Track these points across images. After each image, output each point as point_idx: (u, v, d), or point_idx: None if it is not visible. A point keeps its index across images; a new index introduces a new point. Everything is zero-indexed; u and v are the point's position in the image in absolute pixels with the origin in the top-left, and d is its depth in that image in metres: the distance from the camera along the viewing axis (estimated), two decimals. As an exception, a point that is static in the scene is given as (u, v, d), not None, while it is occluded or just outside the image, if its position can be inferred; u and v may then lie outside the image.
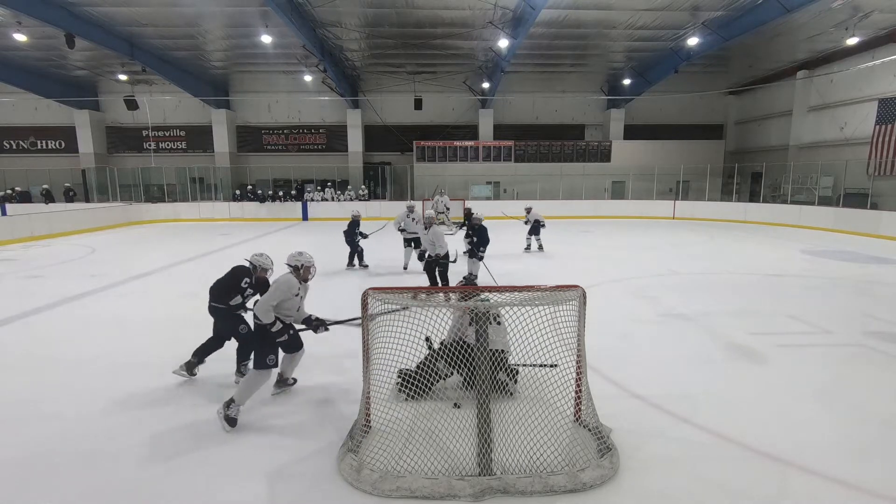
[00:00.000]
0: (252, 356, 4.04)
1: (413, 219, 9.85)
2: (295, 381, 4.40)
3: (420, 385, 3.74)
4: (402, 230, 9.95)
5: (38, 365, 4.99)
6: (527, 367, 3.67)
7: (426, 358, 3.80)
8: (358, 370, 3.57)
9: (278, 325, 3.82)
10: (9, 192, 20.65)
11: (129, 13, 15.15)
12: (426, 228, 7.80)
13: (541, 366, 3.50)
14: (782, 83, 20.82)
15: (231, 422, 3.66)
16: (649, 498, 2.90)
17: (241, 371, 4.55)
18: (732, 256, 11.48)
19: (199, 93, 22.44)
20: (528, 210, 12.10)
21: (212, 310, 4.48)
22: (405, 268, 9.89)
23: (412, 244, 9.71)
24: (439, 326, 3.35)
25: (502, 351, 3.80)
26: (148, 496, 2.93)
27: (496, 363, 3.60)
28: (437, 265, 7.62)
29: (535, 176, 22.69)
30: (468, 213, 9.47)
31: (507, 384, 4.00)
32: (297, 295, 3.98)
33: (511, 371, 4.01)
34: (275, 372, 4.06)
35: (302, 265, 4.03)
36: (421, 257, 7.87)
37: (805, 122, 20.13)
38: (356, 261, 10.18)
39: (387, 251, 11.64)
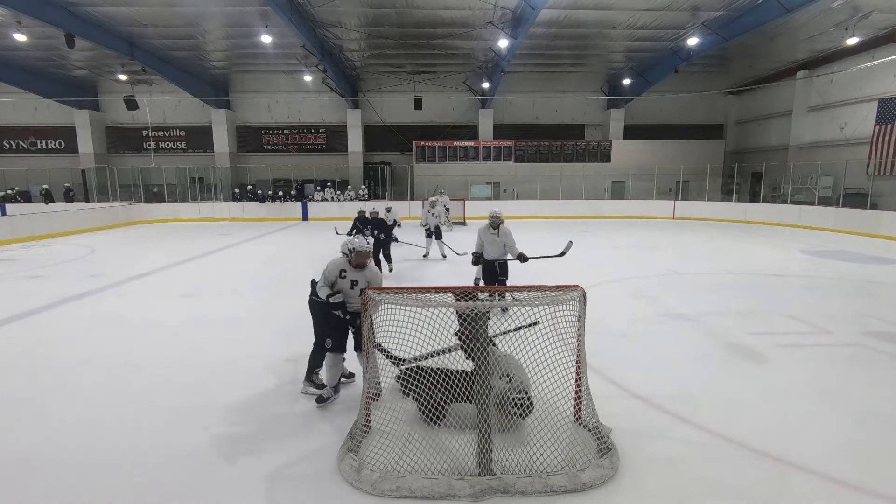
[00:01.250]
0: (319, 365, 4.28)
1: (434, 214, 10.76)
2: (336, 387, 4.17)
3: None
4: (424, 225, 11.03)
5: (38, 365, 4.99)
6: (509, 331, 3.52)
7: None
8: (357, 370, 3.56)
9: (338, 298, 3.96)
10: (9, 192, 20.66)
11: (129, 13, 15.15)
12: (494, 228, 6.23)
13: (524, 327, 3.38)
14: (782, 83, 20.83)
15: (319, 399, 4.02)
16: (649, 498, 2.90)
17: (311, 380, 4.29)
18: (732, 256, 11.48)
19: (199, 93, 22.44)
20: (388, 210, 11.94)
21: (313, 304, 4.26)
22: (425, 255, 10.92)
23: (432, 235, 10.84)
24: (441, 326, 3.34)
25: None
26: (147, 497, 2.93)
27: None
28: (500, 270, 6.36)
29: (535, 176, 22.69)
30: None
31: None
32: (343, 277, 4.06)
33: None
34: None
35: (352, 250, 4.06)
36: (476, 262, 6.47)
37: (805, 122, 20.13)
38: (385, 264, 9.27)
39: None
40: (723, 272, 9.55)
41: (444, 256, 10.89)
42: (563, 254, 6.17)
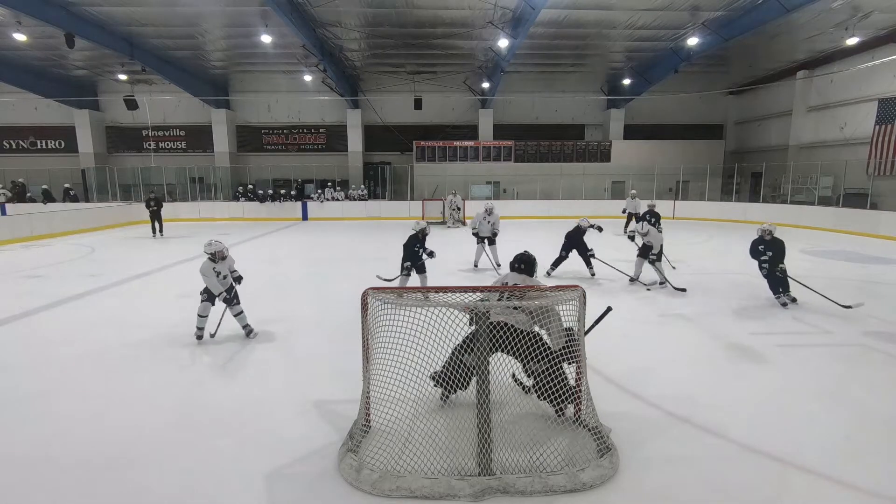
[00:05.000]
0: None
1: (489, 221, 9.94)
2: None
3: (455, 380, 3.60)
4: (475, 231, 10.02)
5: (38, 365, 4.99)
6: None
7: (452, 354, 3.64)
8: (358, 370, 3.56)
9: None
10: (8, 193, 20.64)
11: (129, 13, 15.14)
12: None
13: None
14: (782, 83, 20.83)
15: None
16: (649, 498, 2.90)
17: None
18: (732, 256, 11.47)
19: (199, 93, 22.44)
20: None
21: None
22: (475, 265, 10.08)
23: (485, 241, 9.96)
24: (440, 326, 3.34)
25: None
26: (147, 497, 2.93)
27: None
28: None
29: (535, 176, 22.69)
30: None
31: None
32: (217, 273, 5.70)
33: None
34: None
35: (214, 252, 5.78)
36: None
37: (805, 122, 20.13)
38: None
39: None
40: (723, 272, 9.55)
41: (499, 265, 9.75)
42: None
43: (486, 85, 22.06)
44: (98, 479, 3.09)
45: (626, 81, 21.73)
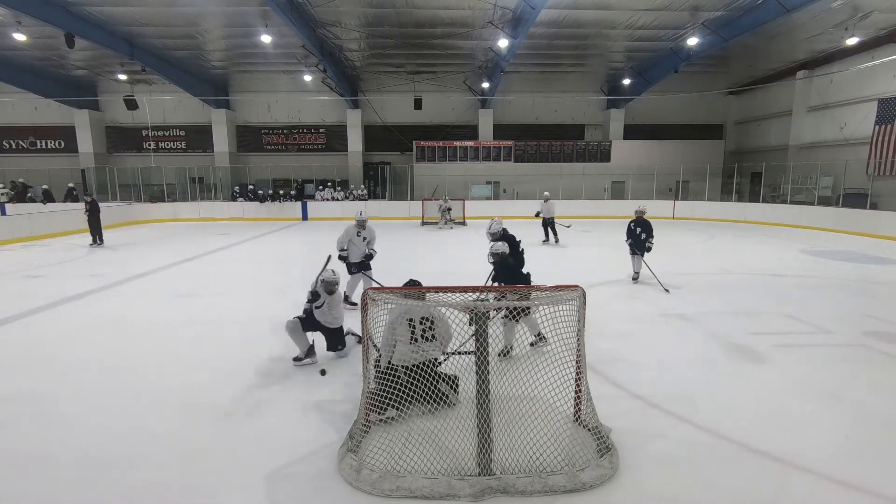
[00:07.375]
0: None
1: (363, 237, 6.83)
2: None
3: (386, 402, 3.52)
4: (342, 252, 7.04)
5: (38, 365, 4.98)
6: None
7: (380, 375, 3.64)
8: (358, 370, 3.56)
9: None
10: (10, 192, 20.64)
11: (129, 13, 15.15)
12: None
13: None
14: (782, 83, 20.84)
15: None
16: (649, 498, 2.90)
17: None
18: (732, 256, 11.48)
19: (199, 92, 22.45)
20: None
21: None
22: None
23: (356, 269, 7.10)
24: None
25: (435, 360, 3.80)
26: (147, 496, 2.93)
27: (430, 374, 3.49)
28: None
29: (535, 176, 22.69)
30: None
31: (447, 394, 3.86)
32: None
33: (450, 379, 3.92)
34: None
35: None
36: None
37: (805, 122, 20.14)
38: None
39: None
40: (722, 272, 9.55)
41: None
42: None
43: (485, 85, 22.07)
44: (98, 479, 3.08)
45: (626, 81, 21.74)
